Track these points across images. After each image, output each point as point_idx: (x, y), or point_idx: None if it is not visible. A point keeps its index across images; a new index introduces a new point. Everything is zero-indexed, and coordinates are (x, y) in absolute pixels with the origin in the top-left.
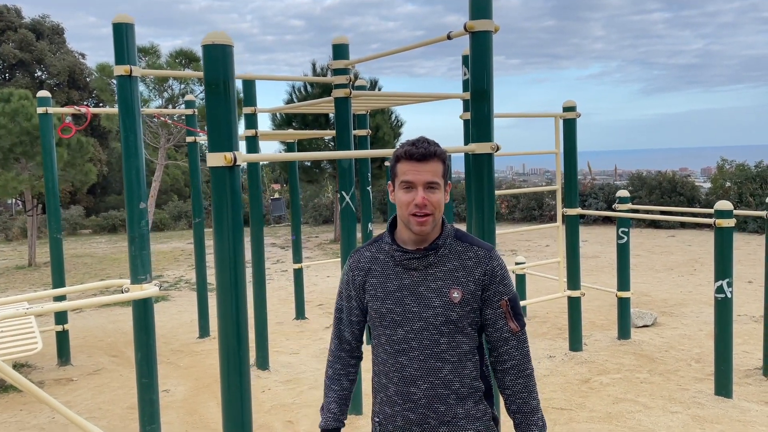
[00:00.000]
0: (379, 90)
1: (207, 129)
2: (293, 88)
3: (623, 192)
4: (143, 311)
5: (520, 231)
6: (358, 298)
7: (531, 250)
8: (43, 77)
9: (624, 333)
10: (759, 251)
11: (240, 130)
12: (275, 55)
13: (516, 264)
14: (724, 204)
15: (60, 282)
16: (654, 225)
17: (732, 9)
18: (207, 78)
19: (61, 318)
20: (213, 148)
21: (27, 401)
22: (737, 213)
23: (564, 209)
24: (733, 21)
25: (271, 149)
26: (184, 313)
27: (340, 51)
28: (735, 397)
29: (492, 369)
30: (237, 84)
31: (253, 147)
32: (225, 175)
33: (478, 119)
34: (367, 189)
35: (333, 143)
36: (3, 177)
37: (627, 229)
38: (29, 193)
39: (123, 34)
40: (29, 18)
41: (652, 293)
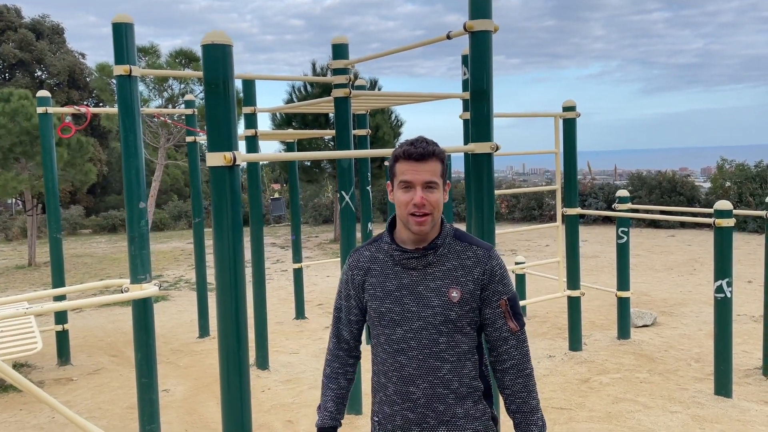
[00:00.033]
0: (379, 90)
1: (206, 129)
2: (293, 87)
3: (623, 192)
4: (143, 311)
5: (520, 231)
6: (357, 297)
7: (531, 249)
8: (43, 77)
9: (624, 333)
10: (759, 251)
11: (240, 129)
12: (275, 55)
13: (516, 264)
14: (723, 204)
15: (60, 282)
16: (654, 225)
17: (732, 8)
18: (206, 77)
19: (61, 318)
20: (212, 147)
21: (27, 401)
22: (737, 213)
23: (564, 209)
24: (733, 20)
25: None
26: (183, 313)
27: (339, 51)
28: (735, 397)
29: (491, 369)
30: (237, 84)
31: (253, 147)
32: (224, 175)
33: (477, 119)
34: (367, 189)
35: (333, 143)
36: (3, 177)
37: (627, 229)
38: (29, 193)
39: (122, 33)
40: (29, 18)
41: (651, 293)
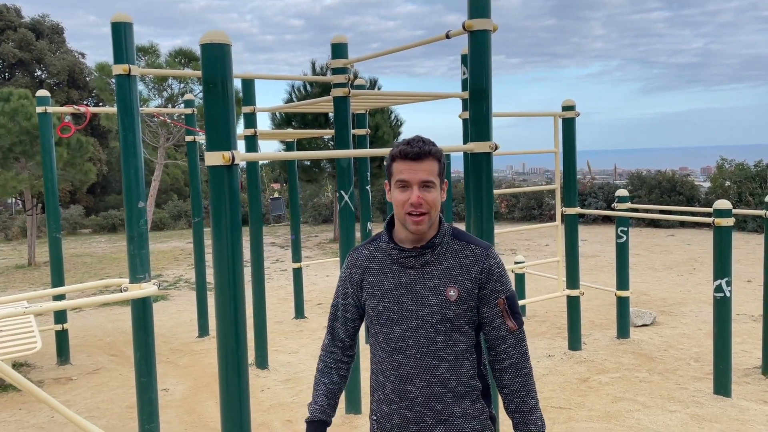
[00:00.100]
0: (379, 89)
1: (205, 128)
2: (293, 87)
3: (622, 191)
4: (142, 310)
5: (519, 230)
6: (355, 295)
7: (530, 249)
8: (43, 77)
9: (623, 332)
10: (758, 250)
11: (239, 129)
12: (275, 55)
13: (515, 263)
14: (722, 203)
15: (59, 281)
16: (653, 224)
17: (732, 8)
18: (205, 77)
19: (61, 317)
20: (211, 147)
21: (26, 400)
22: (736, 212)
23: (563, 208)
24: (733, 20)
25: (271, 149)
26: (183, 313)
27: (338, 50)
28: (734, 396)
29: (490, 368)
30: (236, 83)
31: (253, 146)
32: (223, 174)
33: (476, 118)
34: (367, 188)
35: (332, 142)
36: (2, 176)
37: (626, 229)
38: (29, 193)
39: (122, 33)
40: (29, 17)
41: (651, 292)
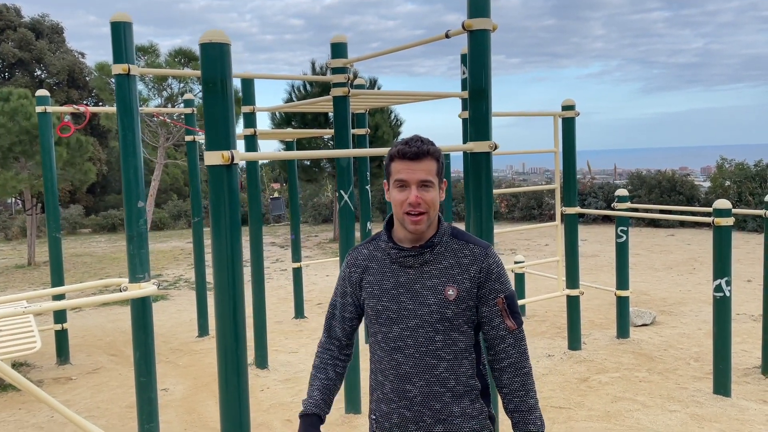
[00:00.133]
0: (379, 89)
1: (204, 127)
2: (292, 87)
3: (622, 191)
4: (141, 310)
5: (519, 230)
6: (353, 294)
7: (530, 249)
8: (43, 76)
9: (623, 332)
10: (758, 250)
11: (239, 129)
12: (275, 55)
13: (515, 263)
14: (722, 203)
15: (59, 281)
16: (653, 224)
17: (732, 8)
18: (204, 76)
19: (60, 317)
20: (210, 146)
21: (26, 400)
22: (736, 212)
23: (563, 208)
24: (733, 20)
25: (271, 149)
26: (183, 312)
27: (338, 50)
28: (733, 396)
29: (489, 367)
30: (236, 83)
31: (252, 146)
32: (222, 174)
33: (476, 118)
34: (366, 188)
35: (332, 142)
36: (2, 176)
37: (626, 228)
38: (28, 193)
39: (121, 32)
40: (29, 17)
41: (651, 292)
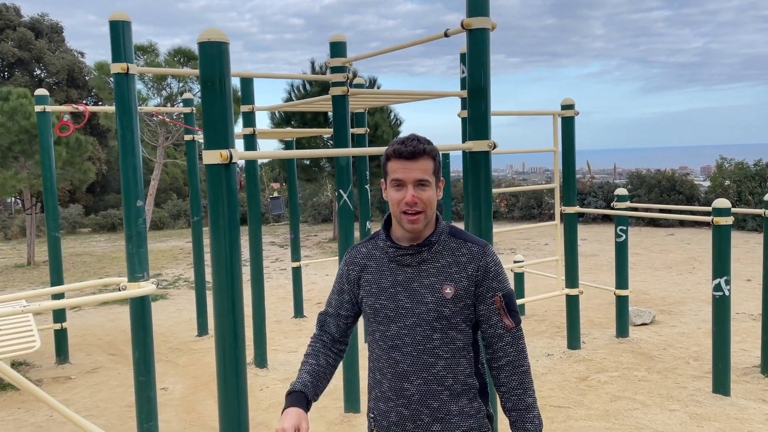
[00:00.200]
0: (378, 88)
1: (203, 126)
2: (292, 86)
3: (621, 190)
4: (141, 309)
5: (518, 229)
6: (350, 292)
7: (530, 248)
8: (42, 76)
9: (622, 331)
10: (758, 249)
11: (238, 128)
12: (274, 54)
13: (514, 262)
14: (721, 202)
15: (58, 280)
16: (653, 223)
17: (732, 7)
18: (203, 75)
19: (60, 316)
20: (209, 145)
21: (25, 399)
22: (735, 211)
23: (562, 207)
24: (733, 19)
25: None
26: (182, 312)
27: (337, 49)
28: (733, 395)
29: (487, 366)
30: (235, 82)
31: (251, 145)
32: (221, 173)
33: (475, 117)
34: (366, 187)
35: (331, 142)
36: (2, 176)
37: (625, 228)
38: (28, 192)
39: (120, 31)
40: (28, 16)
41: (650, 291)
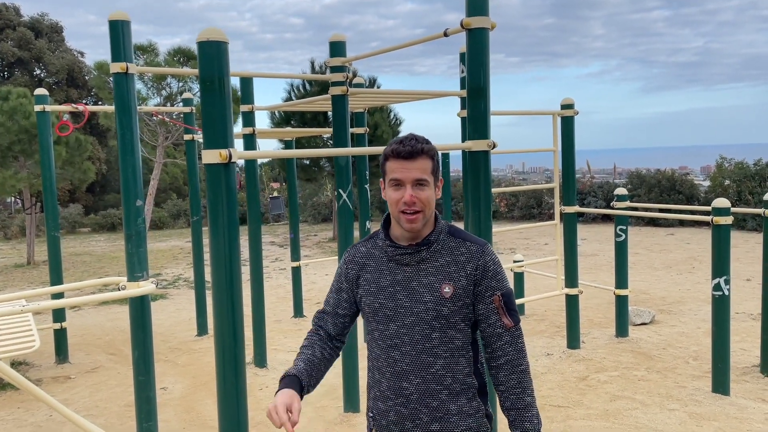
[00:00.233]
0: (378, 88)
1: (202, 126)
2: (292, 86)
3: (621, 190)
4: (140, 309)
5: (518, 229)
6: (349, 290)
7: (530, 248)
8: (42, 75)
9: (622, 331)
10: (757, 249)
11: (238, 128)
12: (274, 54)
13: (514, 262)
14: (721, 201)
15: (58, 280)
16: (653, 223)
17: (732, 7)
18: (202, 75)
19: (59, 316)
20: (208, 145)
21: (24, 399)
22: (735, 210)
23: (562, 207)
24: (733, 19)
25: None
26: (182, 311)
27: (336, 48)
28: (732, 395)
29: (486, 365)
30: (235, 82)
31: (251, 145)
32: (220, 172)
33: (474, 116)
34: (365, 187)
35: (331, 141)
36: (1, 175)
37: (625, 227)
38: (28, 192)
39: (119, 31)
40: (28, 16)
41: (650, 291)
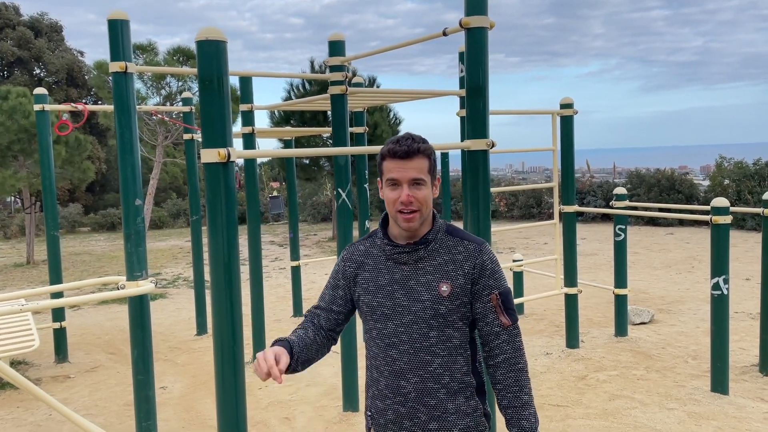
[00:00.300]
0: (377, 87)
1: (201, 125)
2: (291, 85)
3: (620, 189)
4: (139, 308)
5: (518, 228)
6: (345, 287)
7: (529, 247)
8: (42, 75)
9: (621, 330)
10: (756, 248)
11: (237, 127)
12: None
13: (513, 261)
14: (720, 201)
15: (57, 279)
16: (652, 222)
17: (731, 6)
18: (201, 74)
19: (59, 315)
20: (207, 144)
21: (24, 398)
22: (734, 210)
23: (561, 206)
24: (733, 18)
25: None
26: (182, 311)
27: (336, 48)
28: (731, 394)
29: (484, 364)
30: (235, 81)
31: (250, 144)
32: (219, 171)
33: (473, 116)
34: (365, 186)
35: (331, 141)
36: (1, 175)
37: (624, 227)
38: (27, 191)
39: (118, 30)
40: (27, 15)
41: (649, 290)
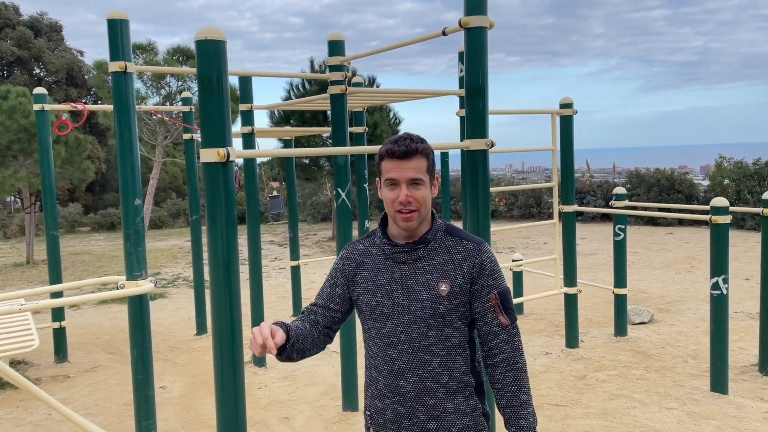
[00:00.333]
0: (377, 87)
1: (200, 125)
2: (291, 85)
3: (620, 189)
4: (139, 308)
5: (517, 228)
6: (343, 286)
7: (529, 247)
8: (42, 75)
9: (620, 330)
10: (756, 248)
11: (237, 127)
12: (274, 53)
13: (513, 261)
14: (720, 200)
15: (57, 279)
16: (652, 222)
17: (731, 6)
18: (200, 73)
19: (58, 315)
20: (206, 143)
21: (23, 398)
22: (734, 209)
23: (561, 206)
24: (733, 18)
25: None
26: (181, 310)
27: (335, 48)
28: (730, 394)
29: (483, 363)
30: (234, 81)
31: (250, 144)
32: (218, 171)
33: (472, 116)
34: (364, 186)
35: (330, 140)
36: (1, 174)
37: (623, 226)
38: (27, 191)
39: (117, 30)
40: (27, 15)
41: (649, 290)
